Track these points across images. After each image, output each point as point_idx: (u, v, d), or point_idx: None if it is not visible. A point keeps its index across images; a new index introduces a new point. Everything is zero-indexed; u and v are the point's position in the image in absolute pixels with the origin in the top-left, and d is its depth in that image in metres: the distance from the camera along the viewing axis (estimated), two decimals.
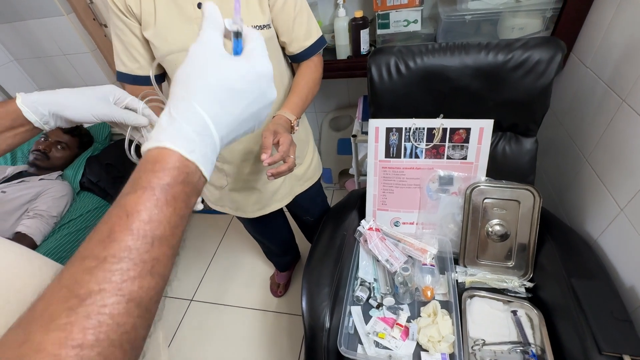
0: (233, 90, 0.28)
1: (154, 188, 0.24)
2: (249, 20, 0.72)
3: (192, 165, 0.26)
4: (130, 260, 0.22)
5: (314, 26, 0.82)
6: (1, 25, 1.75)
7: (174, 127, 0.26)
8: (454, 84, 0.92)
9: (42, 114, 0.40)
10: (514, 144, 0.96)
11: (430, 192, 1.03)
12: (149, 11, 0.69)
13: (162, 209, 0.24)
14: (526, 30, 1.05)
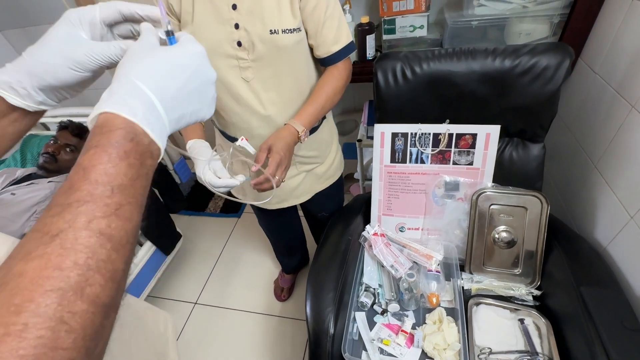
0: (170, 64, 0.31)
1: (105, 145, 0.26)
2: (281, 24, 0.73)
3: (138, 127, 0.28)
4: (93, 203, 0.24)
5: (344, 32, 0.81)
6: (14, 30, 1.79)
7: (114, 96, 0.28)
8: (460, 90, 0.91)
9: (23, 93, 0.35)
10: (521, 150, 0.96)
11: (435, 198, 1.02)
12: (188, 10, 0.73)
13: (116, 163, 0.26)
14: (533, 36, 1.05)
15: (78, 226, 0.23)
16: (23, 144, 1.54)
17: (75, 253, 0.22)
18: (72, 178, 0.25)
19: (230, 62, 0.77)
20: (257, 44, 0.74)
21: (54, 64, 0.34)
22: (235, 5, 0.71)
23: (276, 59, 0.77)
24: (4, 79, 0.34)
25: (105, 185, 0.25)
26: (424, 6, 1.14)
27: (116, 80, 0.29)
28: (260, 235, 1.83)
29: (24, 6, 1.65)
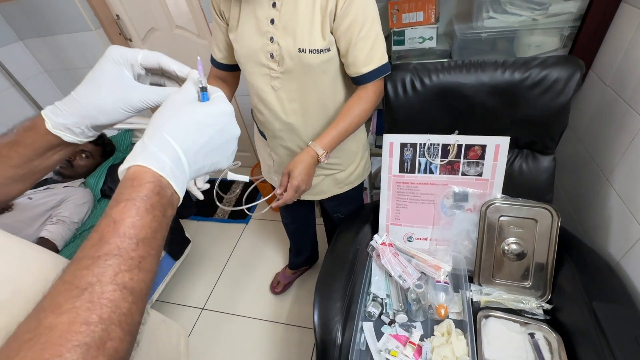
0: (198, 123, 0.34)
1: (135, 199, 0.29)
2: (309, 44, 0.76)
3: (164, 180, 0.31)
4: (120, 257, 0.26)
5: (378, 54, 0.81)
6: (34, 39, 1.86)
7: (146, 151, 0.31)
8: (469, 101, 0.92)
9: (78, 131, 0.39)
10: (531, 162, 0.95)
11: (444, 208, 1.02)
12: (235, 17, 0.81)
13: (142, 216, 0.28)
14: (543, 48, 1.05)
15: (105, 280, 0.25)
16: None
17: (100, 307, 0.24)
18: (103, 229, 0.27)
19: (263, 70, 0.83)
20: (286, 59, 0.79)
21: (109, 107, 0.38)
22: (273, 20, 0.77)
23: (302, 74, 0.81)
24: (61, 121, 0.38)
25: (132, 238, 0.27)
26: (433, 18, 1.16)
27: (149, 131, 0.32)
28: (267, 242, 1.85)
29: (44, 16, 1.71)
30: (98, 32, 1.73)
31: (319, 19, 0.75)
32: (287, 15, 0.75)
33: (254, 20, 0.78)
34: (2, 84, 1.80)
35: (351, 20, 0.74)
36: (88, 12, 1.66)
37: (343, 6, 0.73)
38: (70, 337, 0.22)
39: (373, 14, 0.77)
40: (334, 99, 0.90)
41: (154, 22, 1.76)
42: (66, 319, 0.23)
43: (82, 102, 0.38)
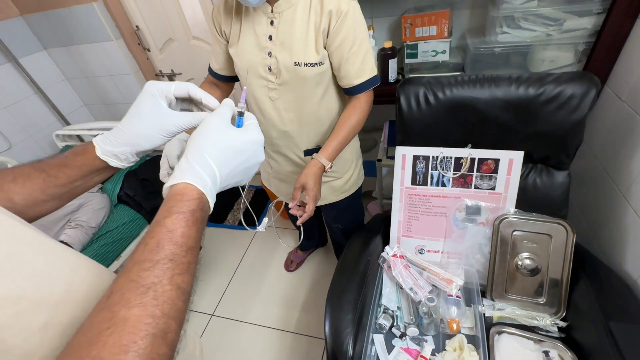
0: (234, 149, 0.39)
1: (185, 212, 0.34)
2: (304, 58, 0.82)
3: (204, 197, 0.36)
4: (174, 262, 0.31)
5: (368, 67, 0.86)
6: (57, 48, 1.93)
7: (192, 169, 0.36)
8: (483, 115, 0.92)
9: (123, 157, 0.44)
10: (545, 177, 0.95)
11: (456, 221, 1.02)
12: (235, 34, 0.87)
13: (190, 227, 0.33)
14: (557, 63, 1.05)
15: (164, 281, 0.29)
16: None
17: (162, 303, 0.28)
18: (159, 237, 0.32)
19: (261, 82, 0.88)
20: (283, 72, 0.85)
21: (149, 134, 0.43)
22: (271, 37, 0.82)
23: (298, 85, 0.86)
24: (110, 149, 0.43)
25: (182, 246, 0.32)
26: (446, 32, 1.17)
27: (192, 149, 0.38)
28: (277, 250, 1.86)
29: (68, 27, 1.78)
30: (118, 42, 1.79)
31: (313, 35, 0.81)
32: (284, 32, 0.81)
33: (253, 37, 0.84)
34: (27, 91, 1.88)
35: (343, 38, 0.80)
36: (110, 23, 1.72)
37: (335, 25, 0.78)
38: (141, 327, 0.26)
39: (363, 32, 0.83)
40: (327, 109, 0.95)
41: (172, 32, 1.81)
42: (137, 312, 0.26)
43: (127, 132, 0.43)
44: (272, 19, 0.81)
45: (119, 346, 0.25)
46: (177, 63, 1.93)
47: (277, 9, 0.80)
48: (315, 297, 1.60)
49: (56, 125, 2.03)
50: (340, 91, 0.94)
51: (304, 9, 0.79)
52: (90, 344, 0.25)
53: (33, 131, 1.92)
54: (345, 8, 0.77)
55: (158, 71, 1.99)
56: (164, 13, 1.73)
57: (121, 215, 1.32)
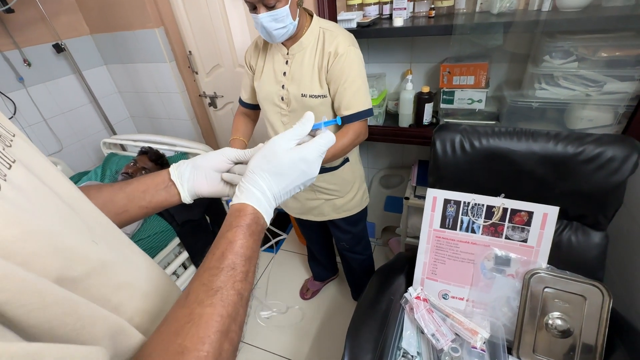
0: (284, 173, 0.43)
1: (242, 226, 0.39)
2: (310, 91, 1.00)
3: (258, 213, 0.41)
4: (236, 270, 0.35)
5: (358, 100, 0.99)
6: (116, 65, 2.12)
7: (247, 190, 0.42)
8: (518, 167, 0.94)
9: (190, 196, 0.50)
10: (580, 235, 0.93)
11: (484, 270, 1.01)
12: (260, 69, 1.08)
13: (248, 239, 0.38)
14: (596, 122, 1.06)
15: (228, 286, 0.34)
16: (105, 162, 1.76)
17: (227, 305, 0.33)
18: (223, 247, 0.37)
19: (275, 109, 1.08)
20: (292, 101, 1.03)
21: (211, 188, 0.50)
22: (285, 73, 1.02)
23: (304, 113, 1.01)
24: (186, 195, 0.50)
25: (242, 256, 0.37)
26: (483, 83, 1.21)
27: (250, 171, 0.43)
28: (294, 277, 1.86)
29: (129, 47, 1.97)
30: (171, 64, 1.95)
31: (317, 73, 0.99)
32: (295, 69, 1.00)
33: (272, 72, 1.04)
34: (84, 100, 2.05)
35: (337, 75, 0.96)
36: (167, 47, 1.89)
37: (332, 64, 0.96)
38: (212, 324, 0.31)
39: (356, 71, 0.97)
40: None
41: (220, 59, 1.96)
42: (209, 310, 0.31)
43: (196, 181, 0.49)
44: (287, 59, 1.01)
45: (197, 337, 0.29)
46: (220, 87, 2.06)
47: (291, 52, 1.00)
48: (329, 330, 1.57)
49: (103, 133, 2.18)
50: None
51: (312, 52, 0.98)
52: (176, 334, 0.29)
53: (82, 137, 2.08)
54: (342, 51, 0.94)
55: (202, 92, 2.14)
56: (216, 41, 1.88)
57: (154, 225, 1.38)
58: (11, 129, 0.32)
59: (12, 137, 0.30)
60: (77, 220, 0.31)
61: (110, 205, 0.47)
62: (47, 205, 0.28)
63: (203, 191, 0.50)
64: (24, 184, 0.26)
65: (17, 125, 1.75)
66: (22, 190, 0.25)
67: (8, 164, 0.25)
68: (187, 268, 1.51)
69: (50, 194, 0.29)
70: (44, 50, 1.80)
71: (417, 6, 1.27)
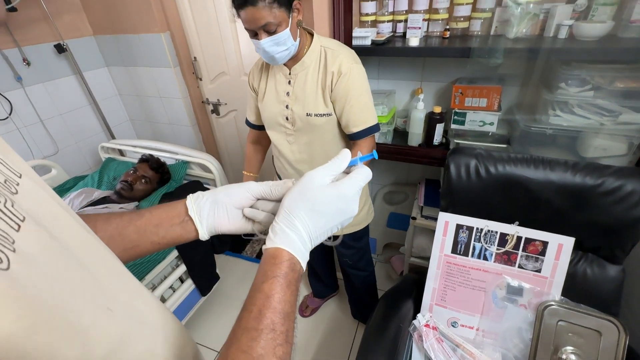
0: (321, 212, 0.40)
1: (279, 276, 0.35)
2: (315, 110, 1.00)
3: (295, 259, 0.38)
4: (276, 331, 0.32)
5: (366, 117, 1.00)
6: (118, 67, 2.08)
7: (282, 232, 0.38)
8: (534, 196, 0.92)
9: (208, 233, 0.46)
10: (596, 268, 0.91)
11: (495, 299, 0.98)
12: (262, 90, 1.08)
13: (285, 292, 0.35)
14: (609, 152, 1.05)
15: (269, 354, 0.31)
16: (102, 167, 1.70)
17: None
18: (260, 304, 0.34)
19: (280, 129, 1.08)
20: (297, 121, 1.03)
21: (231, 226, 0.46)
22: (288, 93, 1.02)
23: (310, 132, 1.04)
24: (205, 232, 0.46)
25: (280, 312, 0.34)
26: (496, 106, 1.20)
27: (284, 212, 0.39)
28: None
29: (133, 51, 1.93)
30: (175, 70, 1.91)
31: (321, 92, 0.99)
32: (298, 89, 1.00)
33: (274, 93, 1.04)
34: (83, 101, 2.00)
35: (342, 93, 0.96)
36: (172, 52, 1.86)
37: (336, 83, 0.96)
38: None
39: (360, 87, 0.97)
40: (334, 151, 1.12)
41: (225, 67, 1.93)
42: None
43: (217, 219, 0.45)
44: (289, 79, 1.01)
45: None
46: (224, 94, 2.03)
47: (293, 72, 1.00)
48: (328, 349, 1.53)
49: (101, 136, 2.13)
50: (345, 136, 1.09)
51: (314, 71, 0.98)
52: None
53: (79, 139, 2.02)
54: (345, 70, 0.94)
55: (205, 99, 2.10)
56: (222, 49, 1.86)
57: None
58: (19, 167, 0.28)
59: (18, 180, 0.26)
60: (90, 284, 0.27)
61: (118, 239, 0.43)
62: (59, 270, 0.24)
63: (223, 228, 0.45)
64: (34, 247, 0.22)
65: (11, 126, 1.70)
66: (32, 259, 0.21)
67: (17, 224, 0.22)
68: (183, 282, 1.46)
69: (61, 251, 0.26)
70: (44, 50, 1.75)
71: (431, 25, 1.27)
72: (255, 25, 0.84)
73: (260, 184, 0.46)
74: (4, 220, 0.21)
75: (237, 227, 0.46)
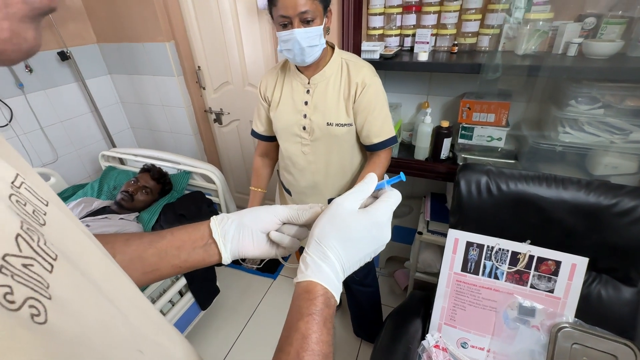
0: (354, 240, 0.38)
1: (314, 314, 0.33)
2: (336, 119, 0.98)
3: (329, 292, 0.36)
4: None
5: (387, 128, 1.01)
6: (120, 75, 2.07)
7: (315, 265, 0.36)
8: (546, 215, 0.90)
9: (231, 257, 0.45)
10: (611, 290, 0.89)
11: (507, 320, 0.96)
12: (276, 99, 1.05)
13: (322, 330, 0.33)
14: (620, 170, 1.04)
15: None
16: (102, 176, 1.67)
17: None
18: (296, 345, 0.32)
19: (295, 139, 1.05)
20: (316, 130, 1.01)
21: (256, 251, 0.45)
22: (307, 102, 1.00)
23: (328, 142, 1.02)
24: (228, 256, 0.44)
25: (318, 355, 0.32)
26: (504, 122, 1.20)
27: (315, 242, 0.37)
28: None
29: (136, 59, 1.92)
30: (179, 79, 1.90)
31: (343, 102, 0.98)
32: (318, 98, 0.99)
33: (291, 102, 1.02)
34: (85, 109, 1.98)
35: (365, 104, 0.97)
36: (176, 61, 1.85)
37: (360, 94, 0.96)
38: None
39: (382, 99, 0.99)
40: (351, 162, 1.10)
41: (229, 77, 1.92)
42: None
43: (242, 242, 0.44)
44: (308, 89, 1.00)
45: None
46: (227, 104, 2.02)
47: (313, 81, 0.99)
48: None
49: (101, 144, 2.10)
50: (362, 147, 1.09)
51: (335, 82, 0.98)
52: None
53: (79, 147, 1.99)
54: (369, 82, 0.95)
55: (208, 108, 2.09)
56: (227, 58, 1.85)
57: None
58: (46, 194, 0.25)
59: (45, 209, 0.24)
60: (119, 324, 0.25)
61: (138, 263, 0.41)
62: (92, 313, 0.22)
63: (248, 253, 0.43)
64: (68, 290, 0.20)
65: (10, 133, 1.67)
66: (67, 305, 0.19)
67: (50, 264, 0.19)
68: (183, 295, 1.42)
69: (91, 289, 0.23)
70: (48, 57, 1.74)
71: (439, 40, 1.27)
72: (295, 10, 0.82)
73: (287, 207, 0.45)
74: (39, 262, 0.19)
75: (261, 251, 0.44)
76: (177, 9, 1.76)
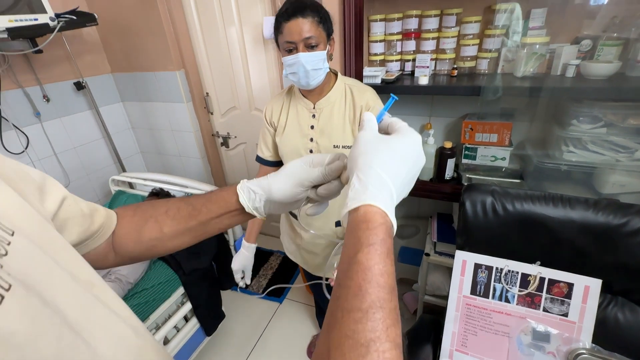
0: (401, 157, 0.35)
1: (375, 244, 0.29)
2: (343, 141, 1.00)
3: (389, 221, 0.31)
4: (383, 309, 0.26)
5: None
6: (132, 102, 2.15)
7: (370, 191, 0.32)
8: (555, 235, 0.89)
9: (257, 207, 0.47)
10: (628, 313, 0.86)
11: (521, 345, 0.92)
12: (282, 124, 1.07)
13: (385, 262, 0.29)
14: (628, 188, 1.03)
15: (382, 337, 0.25)
16: (112, 200, 1.71)
17: None
18: (358, 278, 0.28)
19: None
20: (323, 153, 0.95)
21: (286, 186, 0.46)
22: (313, 126, 1.02)
23: None
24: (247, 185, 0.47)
25: (385, 287, 0.28)
26: (507, 142, 1.21)
27: (361, 168, 0.34)
28: (301, 330, 1.73)
29: (147, 87, 2.00)
30: (188, 105, 1.97)
31: (349, 125, 1.01)
32: (324, 122, 1.01)
33: (297, 126, 1.04)
34: (97, 134, 2.05)
35: None
36: (185, 88, 1.93)
37: None
38: None
39: None
40: None
41: (237, 102, 1.99)
42: None
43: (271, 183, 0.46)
44: (314, 113, 1.02)
45: None
46: (234, 128, 2.07)
47: (318, 106, 1.01)
48: None
49: (112, 168, 2.15)
50: None
51: (340, 106, 1.01)
52: None
53: (90, 171, 2.04)
54: (372, 104, 0.98)
55: (215, 132, 2.15)
56: (234, 85, 1.92)
57: (158, 273, 1.29)
58: (10, 222, 0.26)
59: (9, 239, 0.25)
60: (82, 356, 0.25)
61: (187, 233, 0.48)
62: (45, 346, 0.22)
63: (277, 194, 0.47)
64: (17, 320, 0.21)
65: (26, 159, 1.73)
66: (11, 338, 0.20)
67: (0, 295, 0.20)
68: (188, 320, 1.40)
69: (52, 319, 0.24)
70: (64, 87, 1.83)
71: (439, 64, 1.30)
72: (300, 36, 0.86)
73: (312, 171, 0.45)
74: None
75: None
76: (188, 40, 1.85)
